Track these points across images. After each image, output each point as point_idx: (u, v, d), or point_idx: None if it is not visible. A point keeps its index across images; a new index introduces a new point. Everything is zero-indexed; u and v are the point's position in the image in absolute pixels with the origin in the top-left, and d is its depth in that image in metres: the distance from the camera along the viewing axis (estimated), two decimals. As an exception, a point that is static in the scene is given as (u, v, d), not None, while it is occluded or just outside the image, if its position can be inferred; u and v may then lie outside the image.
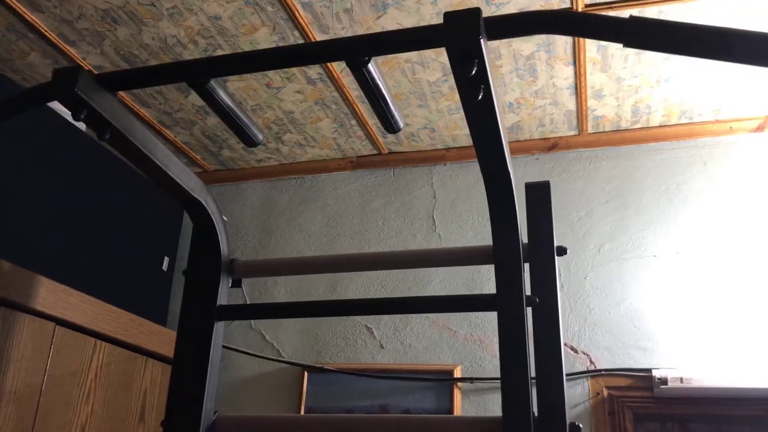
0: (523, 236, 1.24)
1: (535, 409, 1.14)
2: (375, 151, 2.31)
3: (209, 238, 1.36)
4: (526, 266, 1.23)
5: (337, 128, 2.15)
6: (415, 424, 1.20)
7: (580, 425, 1.15)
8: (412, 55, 1.77)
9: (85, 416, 1.64)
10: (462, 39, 0.85)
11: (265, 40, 1.72)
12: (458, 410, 1.91)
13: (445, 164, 2.26)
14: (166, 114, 2.10)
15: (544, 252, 1.22)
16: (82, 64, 1.85)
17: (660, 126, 2.05)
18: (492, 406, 1.90)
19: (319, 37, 1.70)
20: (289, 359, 2.13)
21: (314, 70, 1.85)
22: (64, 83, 1.01)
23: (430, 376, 1.97)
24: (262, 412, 2.08)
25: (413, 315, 2.07)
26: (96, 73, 1.08)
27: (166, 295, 2.15)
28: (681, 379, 1.71)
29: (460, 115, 2.04)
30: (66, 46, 1.78)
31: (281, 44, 1.74)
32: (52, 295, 1.54)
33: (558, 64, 1.79)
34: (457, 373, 1.96)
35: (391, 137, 2.20)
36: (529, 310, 1.20)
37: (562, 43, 1.71)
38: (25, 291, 1.47)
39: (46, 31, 1.72)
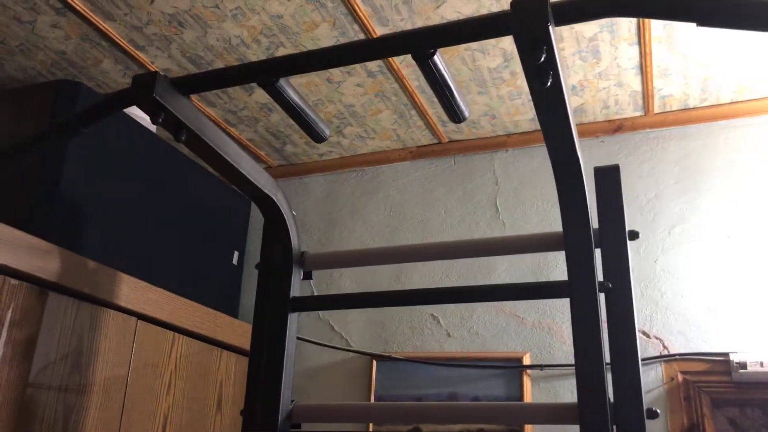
0: (593, 221, 1.23)
1: (610, 395, 1.13)
2: (435, 141, 2.31)
3: (281, 232, 1.40)
4: (597, 252, 1.22)
5: (397, 119, 2.17)
6: (493, 411, 1.21)
7: (658, 410, 1.14)
8: (472, 42, 1.76)
9: (167, 406, 1.71)
10: (530, 26, 0.85)
11: (325, 36, 1.75)
12: (528, 397, 1.90)
13: (506, 150, 2.25)
14: (231, 112, 2.16)
15: (615, 237, 1.21)
16: (151, 68, 1.92)
17: (731, 102, 1.98)
18: (563, 392, 1.89)
19: (378, 30, 1.71)
20: (357, 349, 2.17)
21: (374, 63, 1.87)
22: (143, 89, 1.06)
23: (498, 364, 1.97)
24: (332, 401, 2.12)
25: (479, 303, 2.08)
26: (169, 77, 1.12)
27: (237, 289, 2.21)
28: (761, 363, 1.66)
29: (521, 101, 2.02)
30: (136, 51, 1.85)
31: (341, 39, 1.76)
32: (133, 292, 1.62)
33: (622, 45, 1.75)
34: (526, 360, 1.95)
35: (451, 125, 2.20)
36: (601, 296, 1.19)
37: (626, 23, 1.67)
38: (109, 288, 1.55)
39: (117, 38, 1.79)
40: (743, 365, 1.68)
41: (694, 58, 1.79)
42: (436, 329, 2.11)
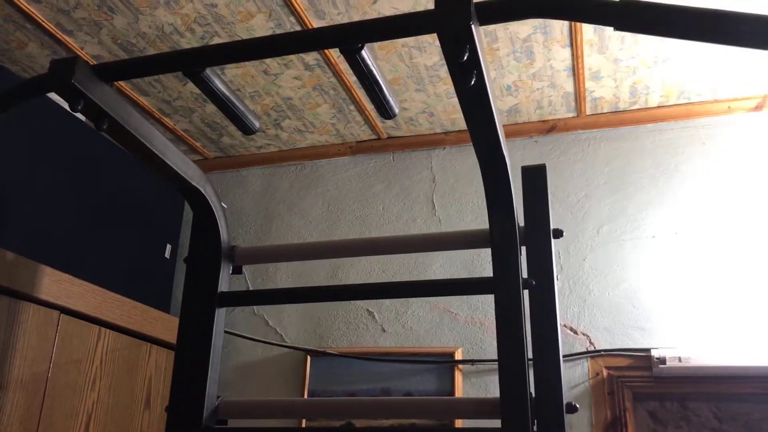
0: (520, 219, 1.25)
1: (532, 390, 1.16)
2: (374, 136, 2.31)
3: (209, 225, 1.38)
4: (524, 249, 1.24)
5: (335, 114, 2.16)
6: (416, 406, 1.22)
7: (577, 405, 1.17)
8: (409, 39, 1.77)
9: (91, 403, 1.67)
10: (452, 24, 0.86)
11: (261, 26, 1.72)
12: (459, 392, 1.93)
13: (444, 148, 2.27)
14: (165, 102, 2.10)
15: (540, 235, 1.23)
16: (80, 54, 1.85)
17: (658, 107, 2.05)
18: (493, 387, 1.92)
19: (315, 22, 1.70)
20: (292, 344, 2.16)
21: (311, 56, 1.86)
22: (61, 75, 1.02)
23: (431, 359, 1.99)
24: (265, 397, 2.10)
25: (414, 299, 2.09)
26: (94, 63, 1.08)
27: (169, 282, 2.16)
28: (679, 359, 1.72)
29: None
30: (63, 36, 1.79)
31: (278, 31, 1.74)
32: (56, 284, 1.56)
33: (555, 47, 1.79)
34: (458, 356, 1.98)
35: (389, 122, 2.20)
36: (526, 293, 1.21)
37: (559, 25, 1.71)
38: (29, 281, 1.49)
39: (43, 21, 1.73)
40: (663, 360, 1.74)
41: (623, 62, 1.84)
42: (372, 325, 2.12)
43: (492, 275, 1.21)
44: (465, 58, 0.87)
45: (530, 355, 1.18)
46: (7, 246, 1.48)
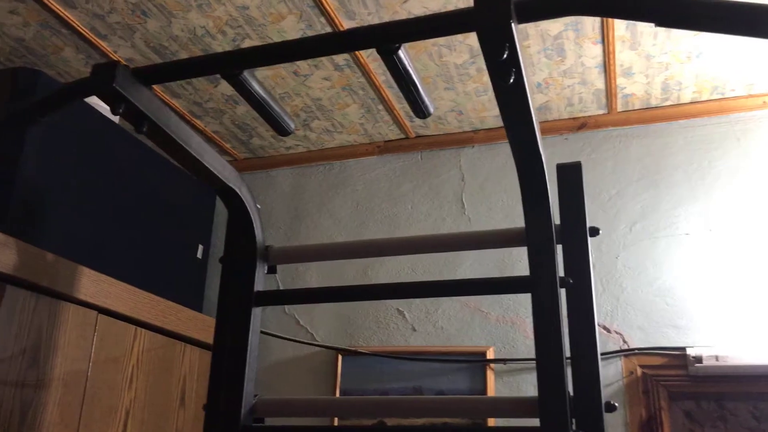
0: (555, 218, 1.25)
1: (570, 389, 1.15)
2: (402, 136, 2.31)
3: (245, 226, 1.39)
4: (559, 247, 1.23)
5: (364, 114, 2.16)
6: (454, 405, 1.22)
7: (616, 404, 1.16)
8: (439, 38, 1.77)
9: (129, 401, 1.69)
10: (492, 23, 0.86)
11: (292, 28, 1.74)
12: (491, 391, 1.92)
13: (473, 146, 2.26)
14: (196, 104, 2.13)
15: (576, 233, 1.23)
16: (114, 58, 1.88)
17: (691, 102, 2.03)
18: (525, 386, 1.91)
19: (345, 23, 1.71)
20: (323, 343, 2.17)
21: (341, 57, 1.86)
22: (103, 79, 1.04)
23: (463, 358, 1.99)
24: (299, 395, 2.12)
25: (444, 298, 2.09)
26: (130, 67, 1.10)
27: (202, 283, 2.19)
28: (716, 357, 1.70)
29: (487, 97, 2.04)
30: (98, 40, 1.82)
31: (308, 32, 1.75)
32: (94, 285, 1.59)
33: (586, 43, 1.77)
34: (490, 355, 1.97)
35: (418, 121, 2.20)
36: (562, 291, 1.20)
37: (590, 21, 1.69)
38: (68, 281, 1.52)
39: (78, 26, 1.76)
40: (699, 359, 1.72)
41: (656, 58, 1.82)
42: (402, 324, 2.12)
43: (528, 274, 1.20)
44: (504, 56, 0.87)
45: (567, 354, 1.17)
46: (47, 247, 1.51)
